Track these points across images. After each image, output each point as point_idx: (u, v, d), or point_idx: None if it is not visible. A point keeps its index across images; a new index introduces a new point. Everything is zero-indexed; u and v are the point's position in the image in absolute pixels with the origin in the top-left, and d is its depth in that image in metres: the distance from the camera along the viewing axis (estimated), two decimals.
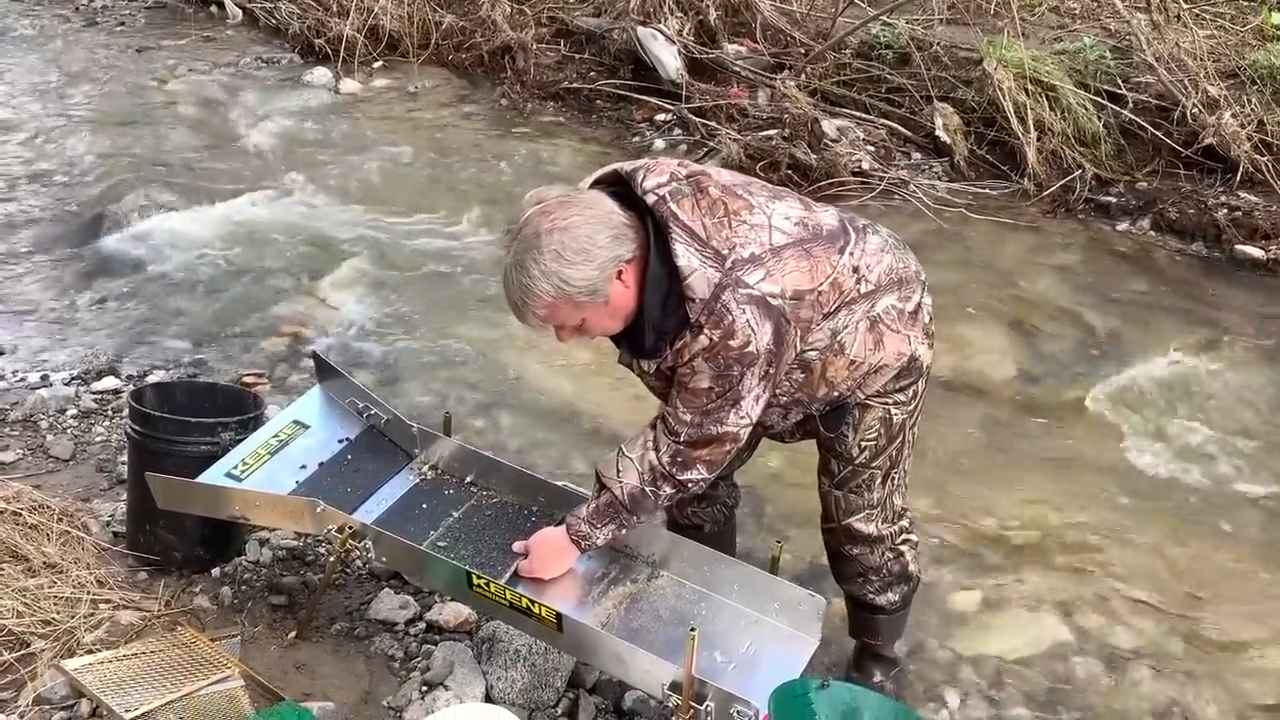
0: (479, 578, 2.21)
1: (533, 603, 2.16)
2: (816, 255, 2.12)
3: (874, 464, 2.33)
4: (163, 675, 2.44)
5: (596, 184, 2.15)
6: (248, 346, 4.28)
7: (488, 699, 2.48)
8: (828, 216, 2.20)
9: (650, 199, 2.06)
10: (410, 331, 4.40)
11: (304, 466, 2.63)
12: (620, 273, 2.04)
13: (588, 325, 2.11)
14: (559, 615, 2.14)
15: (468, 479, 2.63)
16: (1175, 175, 5.49)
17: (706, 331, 2.04)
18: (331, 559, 2.42)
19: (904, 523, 2.47)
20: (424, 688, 2.50)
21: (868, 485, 2.35)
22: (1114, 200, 5.48)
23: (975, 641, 2.95)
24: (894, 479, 2.37)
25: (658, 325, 2.08)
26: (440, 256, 5.01)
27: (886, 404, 2.28)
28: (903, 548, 2.47)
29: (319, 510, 2.35)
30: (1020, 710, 2.73)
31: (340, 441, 2.71)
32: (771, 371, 2.10)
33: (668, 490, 2.21)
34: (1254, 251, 5.01)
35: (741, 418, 2.13)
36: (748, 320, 2.03)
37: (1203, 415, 3.99)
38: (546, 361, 4.19)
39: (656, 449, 2.19)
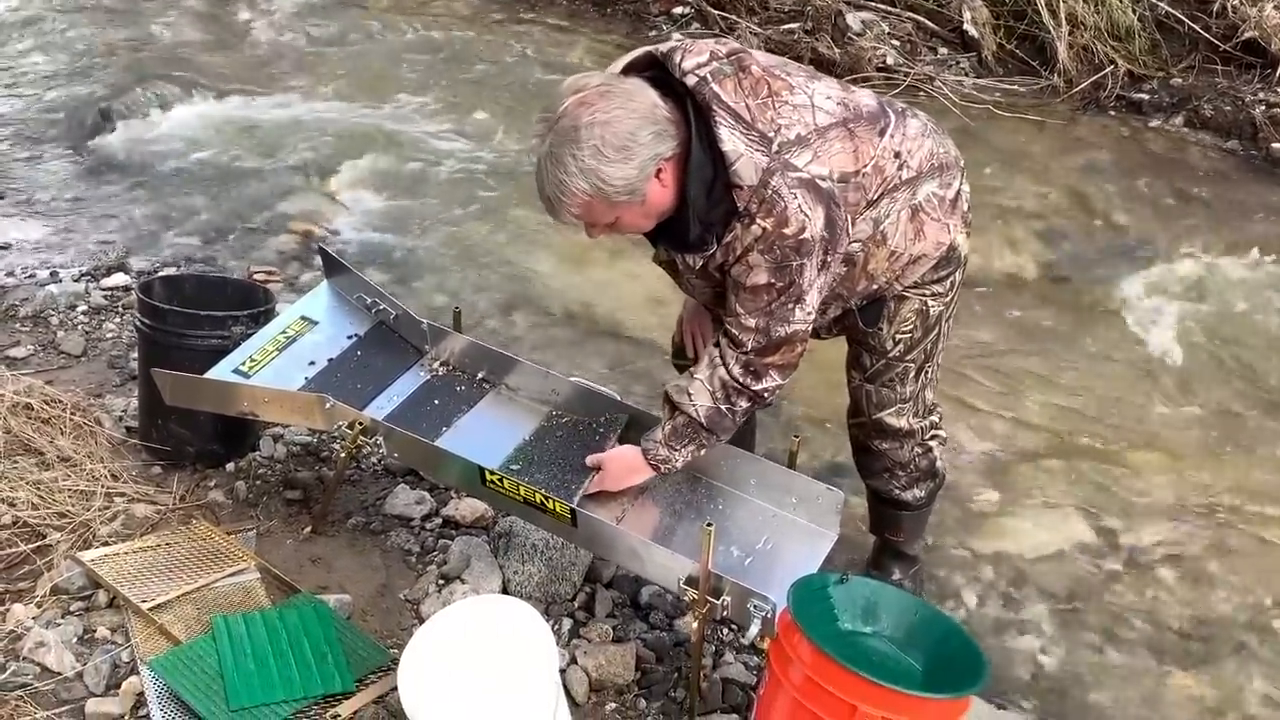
0: (491, 473, 2.18)
1: (546, 498, 2.13)
2: (860, 136, 2.02)
3: (908, 357, 2.27)
4: (179, 567, 2.44)
5: (629, 69, 2.03)
6: (258, 244, 4.22)
7: (504, 592, 2.47)
8: (866, 97, 2.11)
9: (690, 80, 1.94)
10: (422, 230, 4.32)
11: (313, 363, 2.59)
12: (659, 171, 1.94)
13: (620, 224, 2.01)
14: (573, 510, 2.11)
15: (479, 375, 2.58)
16: (1212, 71, 5.29)
17: (759, 221, 1.94)
18: (343, 454, 2.39)
19: (934, 418, 2.42)
20: (440, 581, 2.50)
21: (900, 379, 2.29)
22: (1147, 97, 5.30)
23: (995, 541, 2.93)
24: (927, 372, 2.31)
25: (703, 215, 1.97)
26: (452, 154, 4.90)
27: (923, 295, 2.21)
28: (931, 443, 2.42)
29: (328, 406, 2.31)
30: (1039, 609, 2.72)
31: (349, 338, 2.66)
32: (829, 260, 2.01)
33: (743, 404, 2.13)
34: None
35: (807, 313, 2.04)
36: (799, 205, 1.93)
37: (1235, 317, 3.90)
38: (561, 261, 4.12)
39: (725, 364, 2.09)
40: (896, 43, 5.75)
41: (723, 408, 2.12)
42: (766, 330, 2.04)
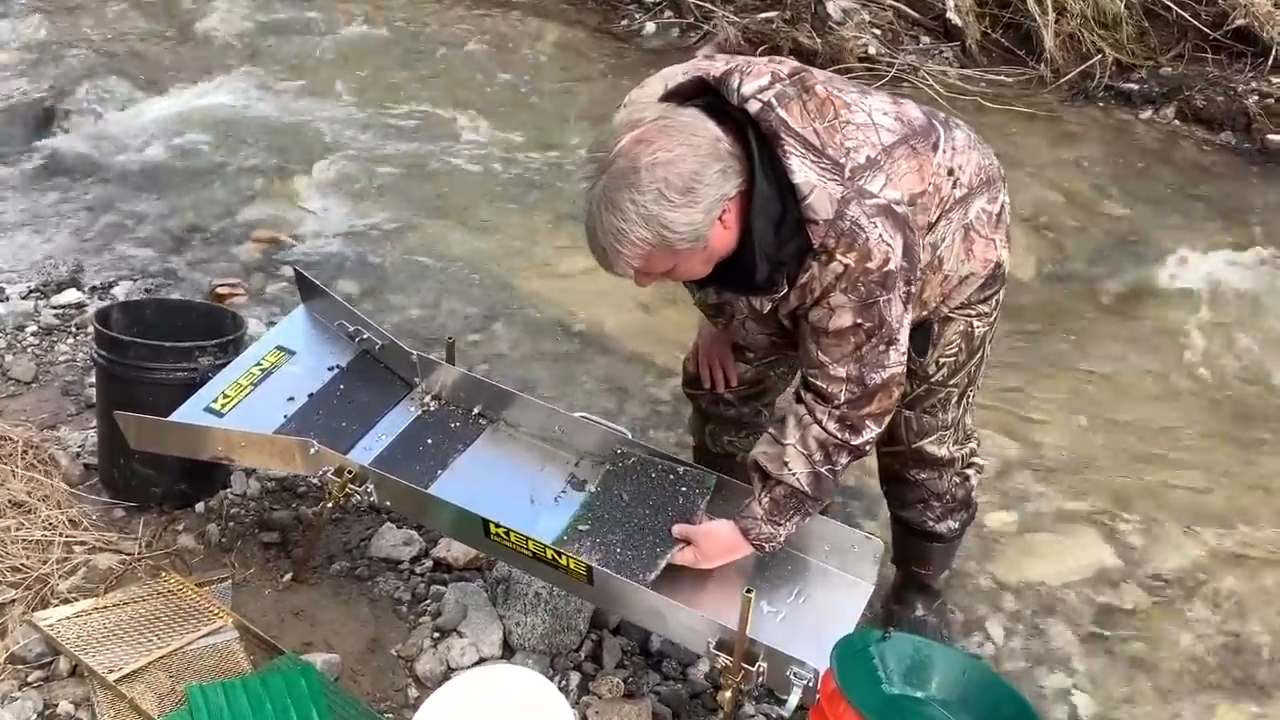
0: (497, 526, 1.99)
1: (559, 554, 1.94)
2: (921, 153, 1.86)
3: (951, 382, 2.11)
4: (148, 628, 2.23)
5: (672, 96, 1.83)
6: (220, 254, 3.97)
7: (505, 645, 2.29)
8: (913, 109, 1.94)
9: (753, 106, 1.75)
10: (394, 236, 4.10)
11: (291, 399, 2.37)
12: (723, 212, 1.74)
13: (677, 271, 1.82)
14: (589, 567, 1.92)
15: (475, 410, 2.38)
16: (1202, 60, 5.19)
17: (839, 257, 1.76)
18: (329, 505, 2.18)
19: (973, 444, 2.27)
20: (436, 634, 2.31)
21: (943, 405, 2.14)
22: (1136, 87, 5.19)
23: (1016, 567, 2.78)
24: (969, 397, 2.16)
25: (772, 255, 1.78)
26: (423, 153, 4.67)
27: (969, 316, 2.05)
28: (969, 472, 2.28)
29: (313, 451, 2.11)
30: (1068, 642, 2.58)
31: (330, 369, 2.44)
32: (911, 291, 1.83)
33: (844, 460, 1.94)
34: None
35: (901, 354, 1.86)
36: (880, 235, 1.76)
37: (1238, 316, 3.79)
38: (542, 267, 3.92)
39: (818, 421, 1.89)
40: (878, 31, 5.60)
41: (823, 470, 1.92)
42: (860, 379, 1.85)
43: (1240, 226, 4.33)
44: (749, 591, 1.76)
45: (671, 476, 2.19)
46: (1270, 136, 4.77)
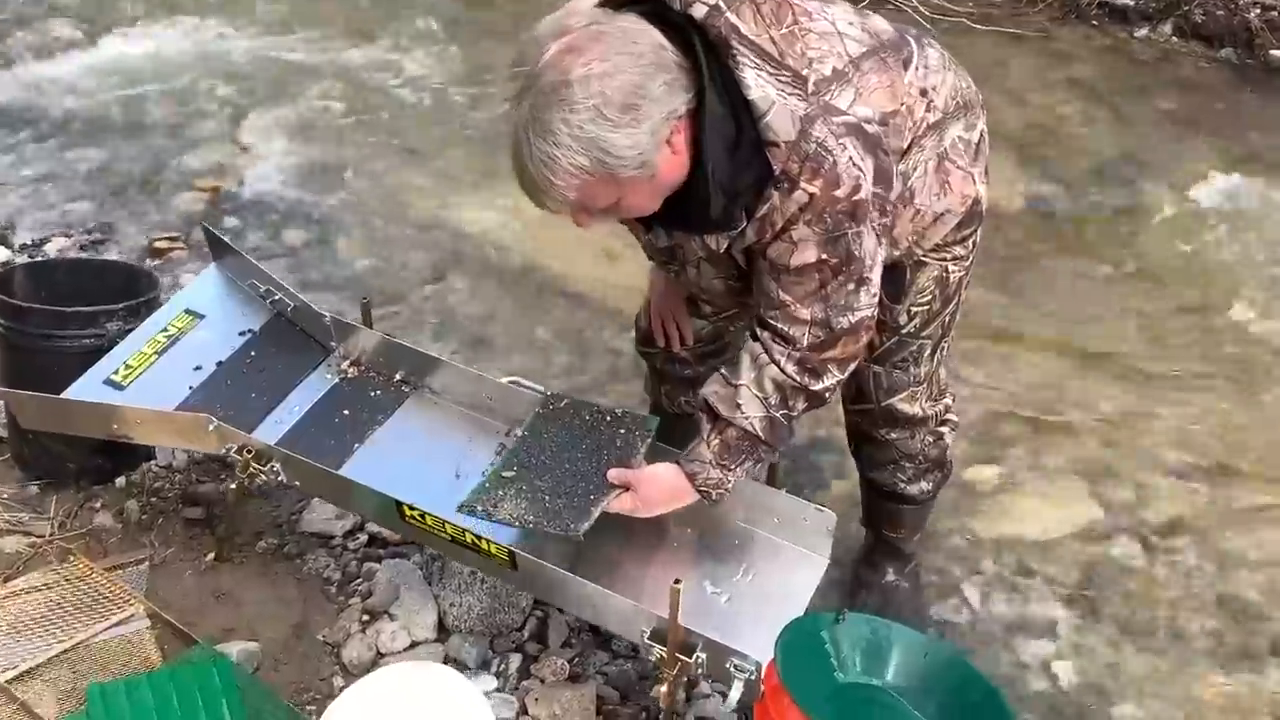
0: (411, 509, 1.80)
1: (478, 538, 1.76)
2: (892, 67, 1.65)
3: (924, 333, 1.92)
4: (51, 619, 2.06)
5: (610, 2, 1.60)
6: (160, 205, 3.76)
7: (440, 627, 2.13)
8: (881, 22, 1.73)
9: (699, 10, 1.53)
10: (346, 182, 3.88)
11: (199, 368, 2.18)
12: (671, 133, 1.52)
13: (622, 206, 1.59)
14: (511, 552, 1.75)
15: (397, 377, 2.19)
16: None
17: (804, 185, 1.54)
18: (234, 486, 2.00)
19: (947, 400, 2.09)
20: (365, 617, 2.14)
21: (915, 359, 1.95)
22: (1131, 3, 4.95)
23: (996, 524, 2.61)
24: (943, 349, 1.98)
25: (728, 185, 1.55)
26: (376, 94, 4.43)
27: (944, 260, 1.86)
28: (943, 430, 2.10)
29: (211, 428, 1.92)
30: (1051, 605, 2.40)
31: (242, 334, 2.25)
32: (886, 222, 1.63)
33: (801, 405, 1.75)
34: None
35: (873, 295, 1.67)
36: (850, 158, 1.55)
37: (1241, 247, 3.57)
38: (500, 212, 3.70)
39: (775, 362, 1.69)
40: None
41: (778, 415, 1.73)
42: (826, 322, 1.65)
43: (1241, 147, 4.09)
44: (677, 582, 1.58)
45: (608, 418, 1.98)
46: (1273, 52, 4.53)
